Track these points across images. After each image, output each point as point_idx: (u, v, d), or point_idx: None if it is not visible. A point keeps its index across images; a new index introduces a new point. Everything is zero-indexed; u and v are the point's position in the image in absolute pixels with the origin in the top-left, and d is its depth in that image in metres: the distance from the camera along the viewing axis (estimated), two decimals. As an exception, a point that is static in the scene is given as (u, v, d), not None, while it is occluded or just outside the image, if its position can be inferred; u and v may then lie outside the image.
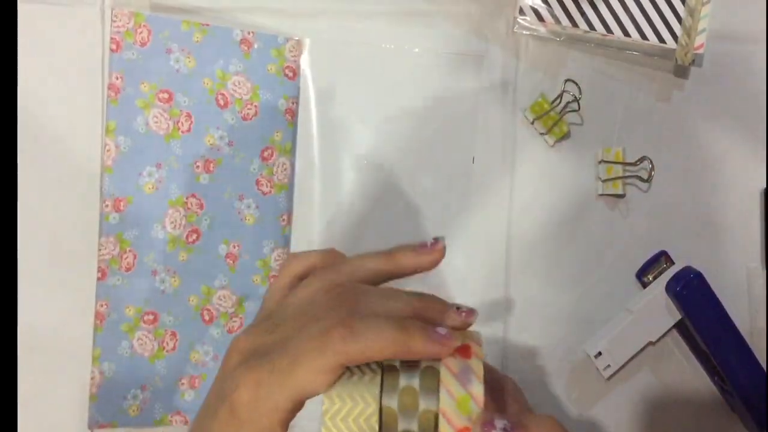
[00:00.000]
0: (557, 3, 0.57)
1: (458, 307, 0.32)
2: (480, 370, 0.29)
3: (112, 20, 0.52)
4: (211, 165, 0.54)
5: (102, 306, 0.52)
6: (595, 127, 0.59)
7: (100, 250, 0.52)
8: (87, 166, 0.52)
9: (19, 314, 0.49)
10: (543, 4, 0.57)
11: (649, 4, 0.57)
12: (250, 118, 0.55)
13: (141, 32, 0.53)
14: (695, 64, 0.58)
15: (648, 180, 0.58)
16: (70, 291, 0.52)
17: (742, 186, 0.60)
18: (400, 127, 0.57)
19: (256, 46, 0.55)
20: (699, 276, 0.54)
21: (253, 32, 0.55)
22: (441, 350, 0.29)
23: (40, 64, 0.52)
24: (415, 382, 0.29)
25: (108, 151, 0.52)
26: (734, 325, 0.54)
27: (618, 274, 0.59)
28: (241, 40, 0.54)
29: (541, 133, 0.58)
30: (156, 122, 0.53)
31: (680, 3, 0.57)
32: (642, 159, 0.58)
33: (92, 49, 0.53)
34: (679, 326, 0.57)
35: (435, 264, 0.34)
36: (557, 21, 0.57)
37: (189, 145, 0.53)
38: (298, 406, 0.30)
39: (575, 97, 0.58)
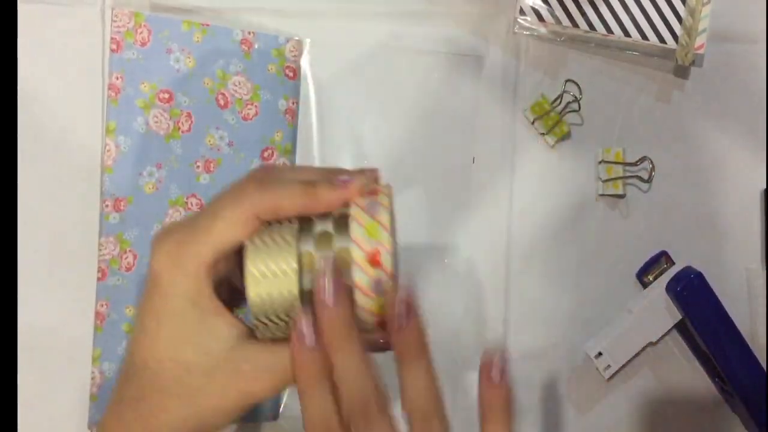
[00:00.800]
0: (557, 3, 0.57)
1: (361, 170, 0.34)
2: (386, 203, 0.31)
3: (112, 20, 0.52)
4: (211, 165, 0.54)
5: (102, 306, 0.52)
6: (595, 127, 0.59)
7: (100, 250, 0.52)
8: (87, 166, 0.52)
9: (19, 314, 0.49)
10: (543, 5, 0.57)
11: (650, 4, 0.57)
12: (251, 118, 0.54)
13: (141, 32, 0.52)
14: (695, 64, 0.58)
15: (648, 180, 0.58)
16: (70, 291, 0.52)
17: (742, 186, 0.60)
18: (400, 127, 0.57)
19: (256, 46, 0.55)
20: (699, 276, 0.54)
21: (253, 32, 0.54)
22: (346, 193, 0.31)
23: (40, 64, 0.52)
24: (329, 227, 0.31)
25: (108, 151, 0.52)
26: (734, 325, 0.54)
27: (618, 274, 0.59)
28: (242, 40, 0.54)
29: (542, 134, 0.58)
30: (156, 122, 0.53)
31: (680, 3, 0.57)
32: (642, 159, 0.58)
33: (92, 49, 0.53)
34: (679, 326, 0.57)
35: (346, 202, 0.32)
36: (558, 21, 0.57)
37: (189, 145, 0.53)
38: (219, 259, 0.31)
39: (575, 97, 0.58)
